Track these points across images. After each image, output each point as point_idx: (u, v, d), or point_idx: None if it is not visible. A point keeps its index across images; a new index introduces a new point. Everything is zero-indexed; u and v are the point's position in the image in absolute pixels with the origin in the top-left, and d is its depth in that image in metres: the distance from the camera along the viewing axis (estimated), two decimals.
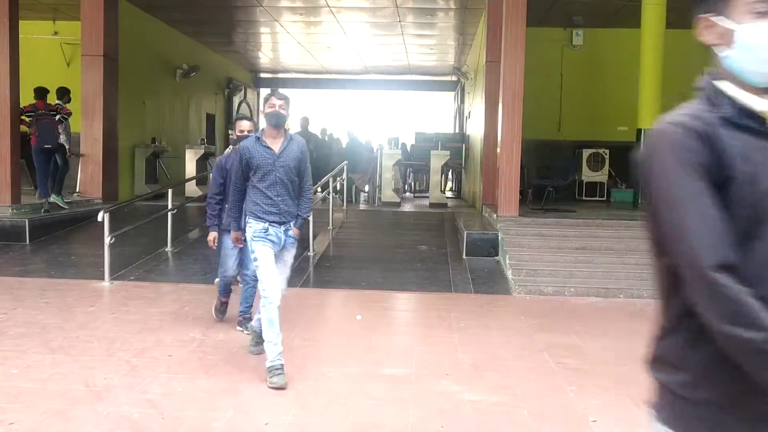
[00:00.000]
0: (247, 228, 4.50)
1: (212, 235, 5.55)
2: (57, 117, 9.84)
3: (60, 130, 9.91)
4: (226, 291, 5.77)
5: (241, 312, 5.53)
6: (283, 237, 4.46)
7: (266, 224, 4.38)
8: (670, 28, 11.53)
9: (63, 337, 5.26)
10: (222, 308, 5.84)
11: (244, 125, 5.51)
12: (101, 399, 3.98)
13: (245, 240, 4.62)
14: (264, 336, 4.39)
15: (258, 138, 4.47)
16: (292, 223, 4.51)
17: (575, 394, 4.27)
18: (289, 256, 4.63)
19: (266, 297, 4.32)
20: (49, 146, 9.66)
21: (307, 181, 4.64)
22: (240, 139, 5.28)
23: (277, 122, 4.44)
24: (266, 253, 4.37)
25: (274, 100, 4.44)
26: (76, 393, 4.07)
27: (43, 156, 9.75)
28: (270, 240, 4.40)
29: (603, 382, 4.51)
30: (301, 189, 4.59)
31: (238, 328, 5.49)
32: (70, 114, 10.05)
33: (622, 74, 13.10)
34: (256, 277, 5.03)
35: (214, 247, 5.64)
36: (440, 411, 3.94)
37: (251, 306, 5.43)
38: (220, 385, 4.28)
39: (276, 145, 4.44)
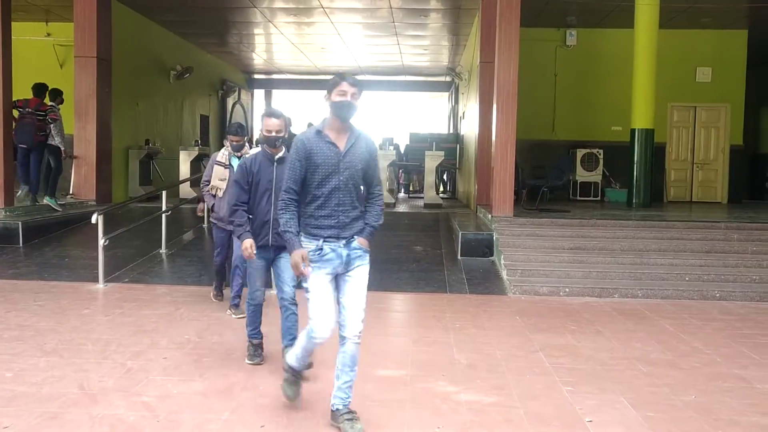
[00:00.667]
0: None
1: (249, 242, 4.52)
2: (45, 118, 9.76)
3: (54, 132, 9.85)
4: (256, 330, 4.78)
5: (285, 348, 4.46)
6: (345, 252, 3.59)
7: (320, 241, 3.56)
8: (663, 28, 11.58)
9: (57, 340, 5.24)
10: (257, 352, 4.77)
11: (273, 124, 4.57)
12: (96, 402, 3.96)
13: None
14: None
15: (319, 132, 3.61)
16: (356, 235, 3.65)
17: (571, 394, 4.28)
18: (360, 277, 3.63)
19: (313, 336, 3.60)
20: (24, 145, 9.64)
21: (377, 187, 3.78)
22: (270, 140, 4.57)
23: (348, 114, 3.59)
24: (320, 283, 3.55)
25: (345, 86, 3.56)
26: (71, 396, 4.05)
27: (21, 152, 9.75)
28: (327, 262, 3.57)
29: (598, 382, 4.51)
30: (370, 196, 3.76)
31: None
32: (56, 120, 9.92)
33: (616, 74, 13.16)
34: (294, 300, 4.53)
35: (254, 256, 4.58)
36: (436, 411, 3.94)
37: (296, 338, 4.37)
38: (216, 387, 4.27)
39: (341, 142, 3.60)
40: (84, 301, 6.60)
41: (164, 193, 9.36)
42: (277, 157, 4.63)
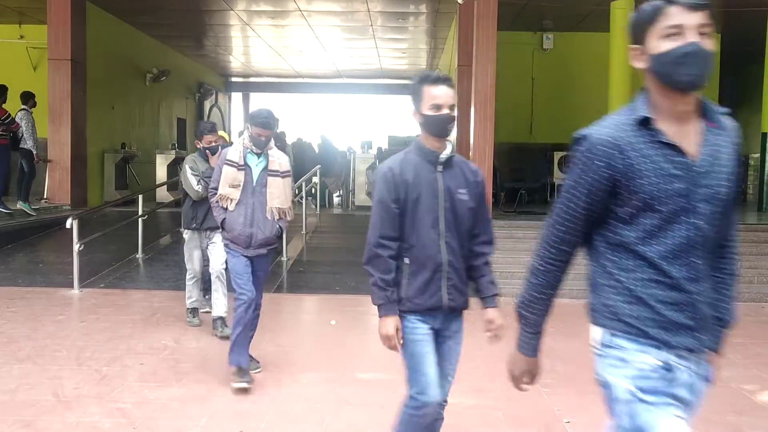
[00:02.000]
0: (607, 367, 1.98)
1: (394, 323, 2.79)
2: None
3: (26, 135, 9.69)
4: None
5: None
6: (699, 386, 1.86)
7: (669, 354, 1.79)
8: None
9: (31, 346, 5.16)
10: None
11: (446, 95, 2.66)
12: (71, 409, 3.91)
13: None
14: None
15: (642, 122, 1.76)
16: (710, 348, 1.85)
17: (549, 395, 4.30)
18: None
19: None
20: None
21: (733, 230, 1.90)
22: (441, 122, 2.70)
23: (699, 78, 1.71)
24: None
25: (677, 15, 1.69)
26: (45, 403, 3.99)
27: None
28: (678, 400, 1.81)
29: (576, 383, 4.54)
30: (720, 257, 1.87)
31: None
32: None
33: (592, 77, 13.27)
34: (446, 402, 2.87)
35: (400, 347, 2.85)
36: None
37: None
38: (193, 393, 4.23)
39: (688, 142, 1.76)
40: (59, 307, 6.51)
41: (140, 197, 9.27)
42: (443, 156, 2.77)
